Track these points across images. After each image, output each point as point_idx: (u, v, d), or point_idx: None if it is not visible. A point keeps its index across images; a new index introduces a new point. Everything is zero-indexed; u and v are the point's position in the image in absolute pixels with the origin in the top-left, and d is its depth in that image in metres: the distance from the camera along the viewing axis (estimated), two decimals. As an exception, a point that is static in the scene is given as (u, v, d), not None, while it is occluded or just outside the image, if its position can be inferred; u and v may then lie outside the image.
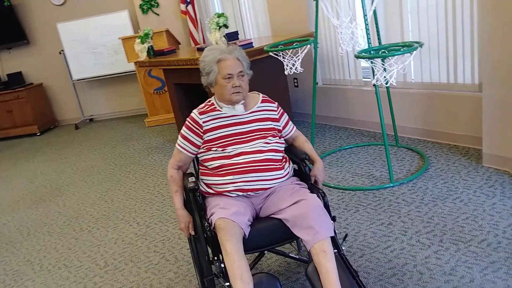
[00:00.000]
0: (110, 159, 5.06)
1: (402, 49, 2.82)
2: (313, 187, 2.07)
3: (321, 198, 1.97)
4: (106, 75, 6.92)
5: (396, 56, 2.82)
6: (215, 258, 1.92)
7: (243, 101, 2.11)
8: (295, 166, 2.27)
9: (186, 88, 4.74)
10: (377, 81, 2.93)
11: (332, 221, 1.93)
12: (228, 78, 2.03)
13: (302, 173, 2.18)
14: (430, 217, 2.60)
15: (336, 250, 1.89)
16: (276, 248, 2.11)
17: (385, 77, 2.90)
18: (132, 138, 5.81)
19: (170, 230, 3.07)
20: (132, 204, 3.67)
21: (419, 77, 3.76)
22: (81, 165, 5.06)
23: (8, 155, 6.31)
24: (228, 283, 1.78)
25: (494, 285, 1.98)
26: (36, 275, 2.85)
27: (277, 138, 2.15)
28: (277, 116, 2.19)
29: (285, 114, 2.26)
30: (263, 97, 2.22)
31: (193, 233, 2.05)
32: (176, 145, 2.17)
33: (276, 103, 2.25)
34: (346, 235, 2.19)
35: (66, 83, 7.30)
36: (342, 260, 1.89)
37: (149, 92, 6.20)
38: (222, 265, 1.83)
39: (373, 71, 3.01)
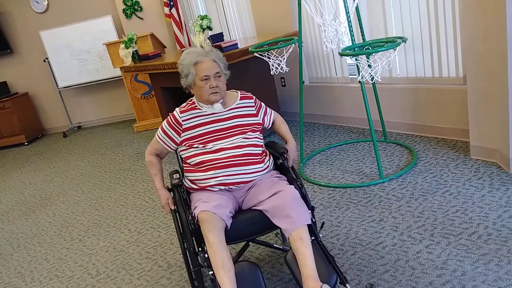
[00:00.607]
0: (99, 166, 5.02)
1: (385, 45, 2.83)
2: (292, 179, 2.17)
3: (298, 189, 2.07)
4: (92, 82, 6.86)
5: (380, 52, 2.82)
6: (199, 249, 2.01)
7: (221, 100, 2.20)
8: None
9: (173, 91, 4.72)
10: (362, 77, 2.94)
11: (309, 210, 2.03)
12: (205, 79, 2.12)
13: (282, 167, 2.28)
14: (421, 212, 2.61)
15: (313, 238, 1.99)
16: (262, 240, 2.22)
17: (370, 73, 2.91)
18: (121, 144, 5.77)
19: (162, 236, 3.05)
20: (123, 211, 3.64)
21: (404, 72, 3.78)
22: (71, 174, 5.01)
23: (-5, 166, 6.23)
24: (211, 272, 1.88)
25: (485, 277, 1.99)
26: (27, 287, 2.81)
27: (257, 133, 2.24)
28: (255, 111, 2.28)
29: (263, 105, 2.36)
30: (241, 93, 2.32)
31: (173, 207, 2.16)
32: (156, 135, 2.28)
33: (254, 97, 2.34)
34: (323, 223, 2.26)
35: (52, 91, 7.23)
36: (319, 247, 1.98)
37: (136, 97, 6.16)
38: (206, 255, 1.92)
39: (358, 68, 3.02)
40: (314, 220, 2.08)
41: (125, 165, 4.84)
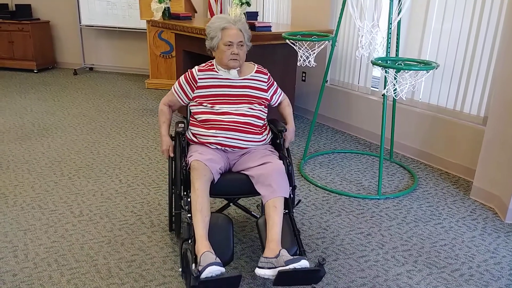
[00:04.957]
0: (103, 112, 4.99)
1: (419, 66, 2.80)
2: (283, 156, 2.35)
3: (286, 165, 2.25)
4: (115, 27, 6.79)
5: (410, 71, 2.80)
6: (185, 193, 2.20)
7: (238, 68, 2.36)
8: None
9: (194, 57, 4.67)
10: (387, 91, 2.91)
11: (290, 187, 2.22)
12: (229, 45, 2.28)
13: (277, 144, 2.46)
14: (409, 236, 2.61)
15: (287, 211, 2.18)
16: (242, 205, 2.53)
17: (395, 89, 2.88)
18: (129, 96, 5.73)
19: (151, 195, 3.04)
20: (117, 161, 3.62)
21: (427, 98, 3.75)
22: (73, 111, 4.98)
23: (0, 85, 6.17)
24: (190, 215, 2.06)
25: (459, 314, 1.99)
26: (8, 209, 2.80)
27: (263, 106, 2.41)
28: (266, 87, 2.45)
29: (274, 84, 2.53)
30: (257, 67, 2.48)
31: (172, 155, 2.36)
32: (172, 87, 2.46)
33: (268, 74, 2.50)
34: (299, 201, 2.42)
35: (73, 27, 7.15)
36: (289, 220, 2.16)
37: (155, 54, 6.10)
38: (189, 200, 2.11)
39: (385, 81, 2.99)
40: (292, 196, 2.29)
41: (129, 117, 4.81)
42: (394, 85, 2.88)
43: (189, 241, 1.98)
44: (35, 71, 7.06)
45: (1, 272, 2.18)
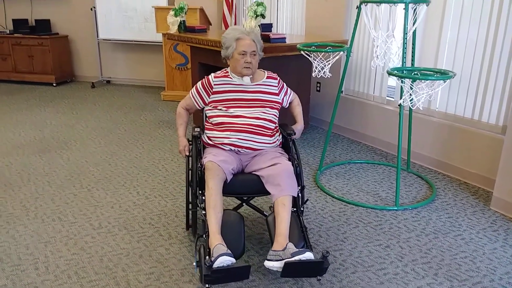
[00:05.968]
0: (121, 124, 5.06)
1: (436, 75, 2.78)
2: (292, 158, 2.47)
3: (294, 166, 2.39)
4: (132, 41, 6.90)
5: (427, 81, 2.78)
6: (200, 192, 2.34)
7: (251, 76, 2.53)
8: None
9: (210, 69, 4.71)
10: (404, 101, 2.90)
11: (298, 187, 2.36)
12: (242, 54, 2.45)
13: (287, 146, 2.59)
14: (429, 248, 2.58)
15: (295, 209, 2.32)
16: (255, 205, 2.66)
17: (411, 99, 2.86)
18: (146, 108, 5.80)
19: (168, 206, 3.06)
20: (135, 173, 3.66)
21: (444, 107, 3.72)
22: (91, 124, 5.06)
23: (21, 99, 6.31)
24: (204, 212, 2.20)
25: (482, 329, 1.96)
26: (29, 221, 2.85)
27: (275, 110, 2.57)
28: (277, 91, 2.61)
29: (284, 86, 2.68)
30: (267, 73, 2.64)
31: (188, 153, 2.53)
32: (190, 92, 2.66)
33: (278, 78, 2.65)
34: (306, 200, 2.50)
35: (91, 41, 7.29)
36: (297, 217, 2.30)
37: (171, 66, 6.18)
38: (204, 198, 2.24)
39: (402, 91, 2.97)
40: (300, 195, 2.40)
41: (146, 129, 4.86)
42: (411, 95, 2.87)
43: (204, 236, 2.12)
44: (54, 84, 7.20)
45: (23, 284, 2.21)
